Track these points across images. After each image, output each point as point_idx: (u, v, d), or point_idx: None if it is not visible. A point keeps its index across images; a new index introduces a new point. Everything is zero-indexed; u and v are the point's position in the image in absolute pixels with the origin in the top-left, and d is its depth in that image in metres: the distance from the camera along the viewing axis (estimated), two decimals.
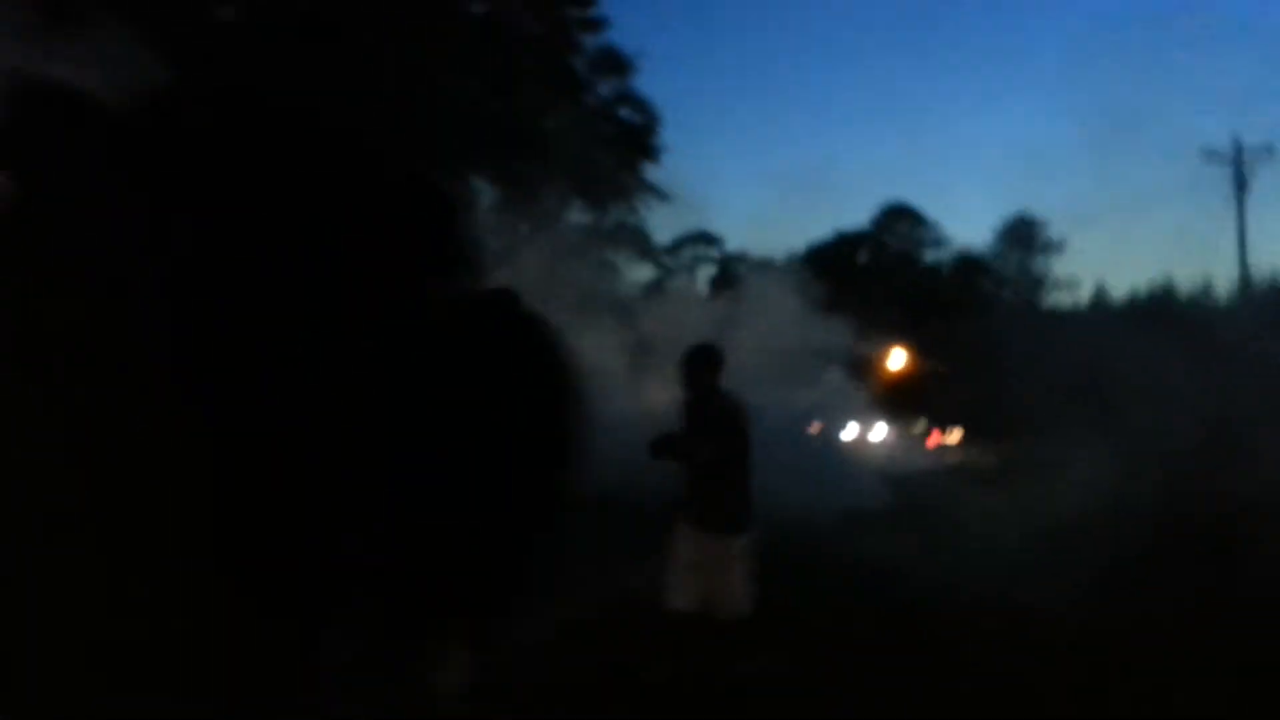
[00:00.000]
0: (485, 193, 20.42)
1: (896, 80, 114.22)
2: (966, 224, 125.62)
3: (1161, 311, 48.22)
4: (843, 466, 17.32)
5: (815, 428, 19.43)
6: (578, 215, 24.08)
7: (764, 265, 37.54)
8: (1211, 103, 77.48)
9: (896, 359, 40.01)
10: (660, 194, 28.30)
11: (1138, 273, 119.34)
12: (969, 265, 55.39)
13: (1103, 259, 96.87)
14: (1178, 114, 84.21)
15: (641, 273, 29.23)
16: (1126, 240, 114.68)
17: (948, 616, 6.45)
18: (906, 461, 25.47)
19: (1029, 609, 6.60)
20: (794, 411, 17.88)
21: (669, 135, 35.55)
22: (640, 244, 27.93)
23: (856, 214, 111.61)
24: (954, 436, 31.70)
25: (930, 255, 56.31)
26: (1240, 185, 26.08)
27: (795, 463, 14.85)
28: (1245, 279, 27.64)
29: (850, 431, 22.93)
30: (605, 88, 26.39)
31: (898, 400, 33.77)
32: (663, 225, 32.63)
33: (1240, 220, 26.13)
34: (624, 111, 27.16)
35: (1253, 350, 25.69)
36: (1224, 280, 52.03)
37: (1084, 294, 66.15)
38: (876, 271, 52.65)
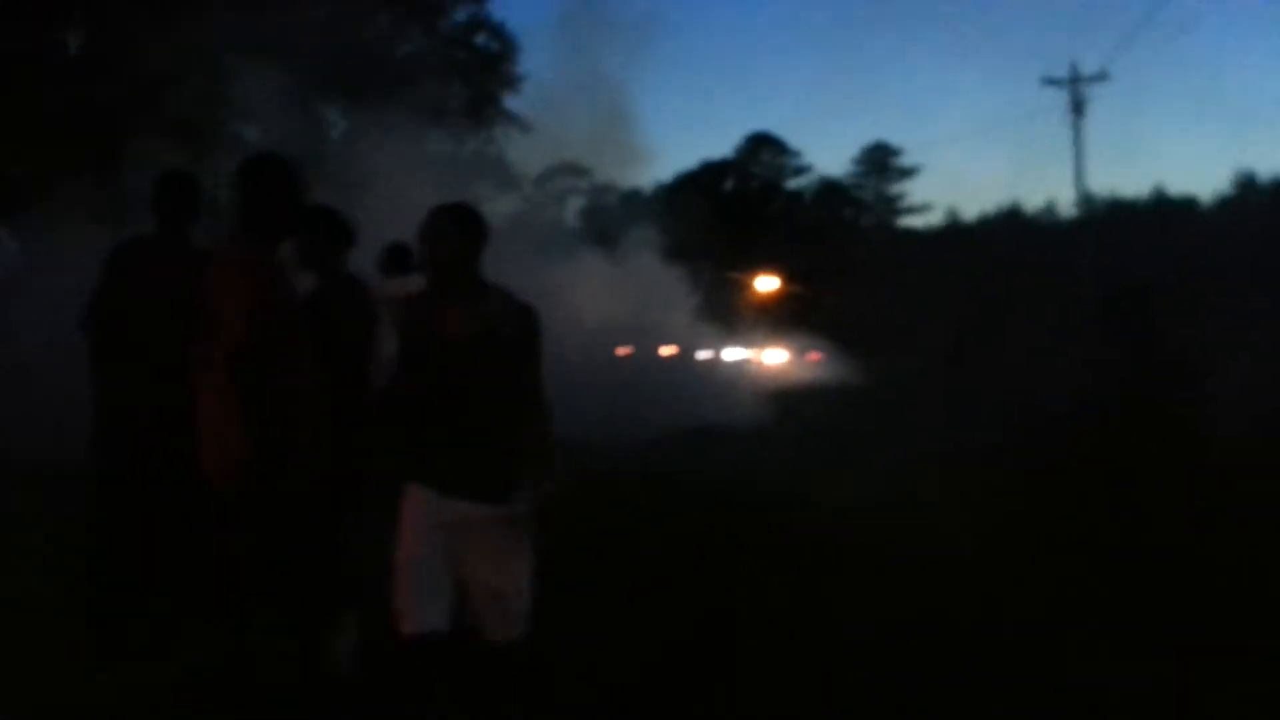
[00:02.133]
0: (337, 124, 19.77)
1: (756, 10, 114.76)
2: (826, 153, 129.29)
3: (1010, 230, 50.42)
4: (704, 386, 17.60)
5: (670, 350, 19.58)
6: (435, 145, 23.50)
7: (632, 196, 37.52)
8: (1048, 30, 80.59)
9: (765, 283, 40.83)
10: (521, 124, 27.78)
11: (986, 194, 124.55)
12: (830, 191, 56.58)
13: (953, 182, 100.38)
14: (1018, 41, 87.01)
15: (507, 204, 28.76)
16: (975, 163, 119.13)
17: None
18: (776, 378, 26.01)
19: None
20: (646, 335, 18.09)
21: (531, 65, 34.94)
22: (502, 175, 27.44)
23: (722, 144, 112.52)
24: (816, 355, 32.65)
25: (793, 183, 57.29)
26: (1077, 109, 27.23)
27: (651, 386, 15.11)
28: (1085, 196, 29.09)
29: (707, 351, 23.10)
30: (460, 13, 25.66)
31: (767, 321, 34.56)
32: (531, 158, 32.08)
33: (1077, 142, 27.40)
34: (480, 38, 26.50)
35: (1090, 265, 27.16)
36: (1065, 200, 54.62)
37: (936, 216, 68.45)
38: (742, 199, 53.25)
